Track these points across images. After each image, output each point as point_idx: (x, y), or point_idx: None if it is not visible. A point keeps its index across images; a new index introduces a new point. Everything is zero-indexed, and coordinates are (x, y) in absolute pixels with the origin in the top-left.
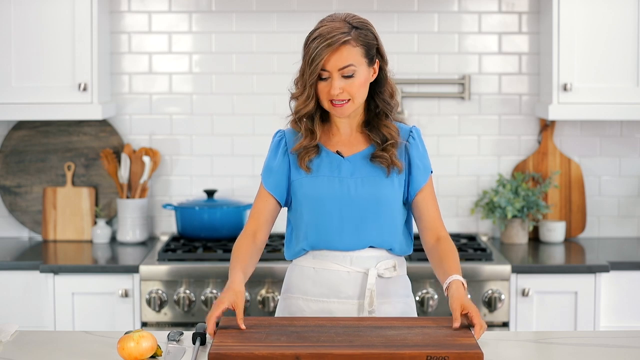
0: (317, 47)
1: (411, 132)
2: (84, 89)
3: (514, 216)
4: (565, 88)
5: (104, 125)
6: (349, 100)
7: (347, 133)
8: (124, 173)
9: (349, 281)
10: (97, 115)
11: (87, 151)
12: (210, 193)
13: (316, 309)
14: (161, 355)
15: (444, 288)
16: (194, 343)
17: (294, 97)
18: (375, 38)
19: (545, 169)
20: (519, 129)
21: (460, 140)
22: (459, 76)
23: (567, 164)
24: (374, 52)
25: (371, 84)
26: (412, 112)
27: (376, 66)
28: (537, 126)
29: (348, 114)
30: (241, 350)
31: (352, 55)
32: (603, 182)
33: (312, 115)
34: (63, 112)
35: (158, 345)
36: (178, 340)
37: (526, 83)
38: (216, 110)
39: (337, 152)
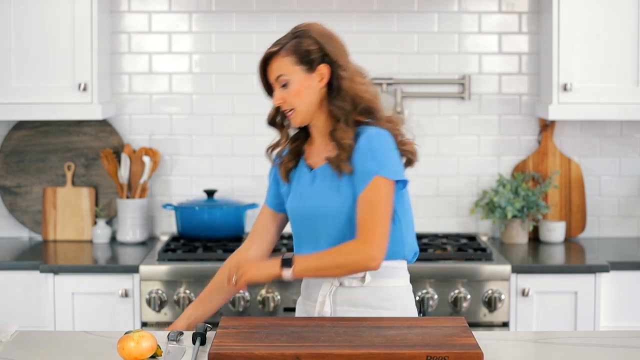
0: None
1: (361, 134)
2: (84, 89)
3: (514, 216)
4: (565, 88)
5: (104, 125)
6: (292, 109)
7: (319, 142)
8: (124, 173)
9: (317, 285)
10: (97, 115)
11: (87, 151)
12: (210, 193)
13: (300, 309)
14: (161, 355)
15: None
16: (194, 343)
17: None
18: (319, 43)
19: (545, 169)
20: (519, 129)
21: (460, 140)
22: (459, 76)
23: (567, 164)
24: (315, 57)
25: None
26: (412, 112)
27: (324, 70)
28: (537, 126)
29: (300, 123)
30: (241, 350)
31: (281, 65)
32: (603, 182)
33: (282, 122)
34: (63, 112)
35: (158, 345)
36: (178, 340)
37: (526, 83)
38: (216, 110)
39: (308, 165)
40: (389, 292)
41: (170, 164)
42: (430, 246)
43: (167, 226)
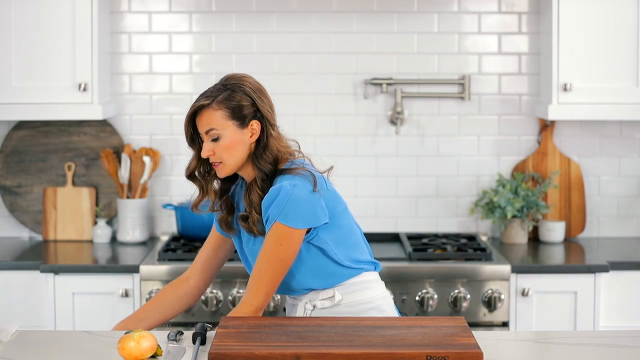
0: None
1: (275, 184)
2: (84, 89)
3: (514, 216)
4: (565, 88)
5: (104, 125)
6: (220, 162)
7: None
8: (124, 173)
9: (294, 309)
10: (97, 116)
11: (87, 151)
12: None
13: None
14: (161, 355)
15: None
16: (194, 343)
17: None
18: (252, 99)
19: (545, 169)
20: (518, 129)
21: (460, 140)
22: (458, 76)
23: (566, 164)
24: (247, 113)
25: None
26: (412, 112)
27: (255, 126)
28: (536, 126)
29: (227, 175)
30: (241, 350)
31: (213, 119)
32: (602, 182)
33: (204, 174)
34: (63, 112)
35: (158, 345)
36: (178, 340)
37: (526, 83)
38: None
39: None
40: (363, 305)
41: (171, 164)
42: (430, 246)
43: (167, 226)
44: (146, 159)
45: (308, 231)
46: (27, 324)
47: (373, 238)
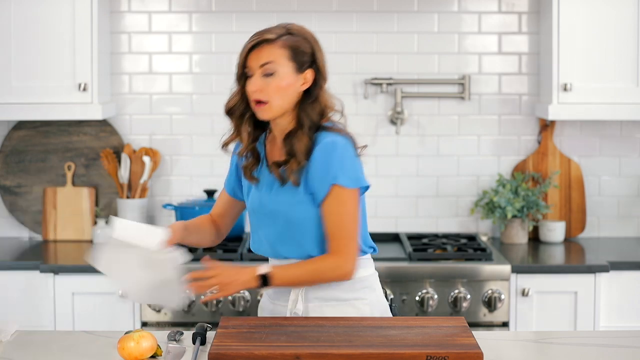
0: (245, 42)
1: (317, 142)
2: (84, 89)
3: (514, 216)
4: (565, 88)
5: (104, 125)
6: (266, 102)
7: (280, 142)
8: (124, 173)
9: (288, 294)
10: (97, 115)
11: (87, 151)
12: (210, 193)
13: (268, 310)
14: (161, 355)
15: None
16: (194, 343)
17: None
18: (312, 48)
19: (545, 169)
20: (518, 129)
21: (460, 140)
22: (459, 76)
23: (567, 164)
24: (306, 60)
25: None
26: (412, 112)
27: (309, 75)
28: (537, 126)
29: (269, 118)
30: (241, 350)
31: (274, 54)
32: (603, 182)
33: (241, 113)
34: (63, 112)
35: (158, 345)
36: (178, 340)
37: (526, 83)
38: (216, 110)
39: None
40: (356, 284)
41: (170, 164)
42: (430, 246)
43: None
44: (146, 159)
45: None
46: (27, 324)
47: (373, 238)
